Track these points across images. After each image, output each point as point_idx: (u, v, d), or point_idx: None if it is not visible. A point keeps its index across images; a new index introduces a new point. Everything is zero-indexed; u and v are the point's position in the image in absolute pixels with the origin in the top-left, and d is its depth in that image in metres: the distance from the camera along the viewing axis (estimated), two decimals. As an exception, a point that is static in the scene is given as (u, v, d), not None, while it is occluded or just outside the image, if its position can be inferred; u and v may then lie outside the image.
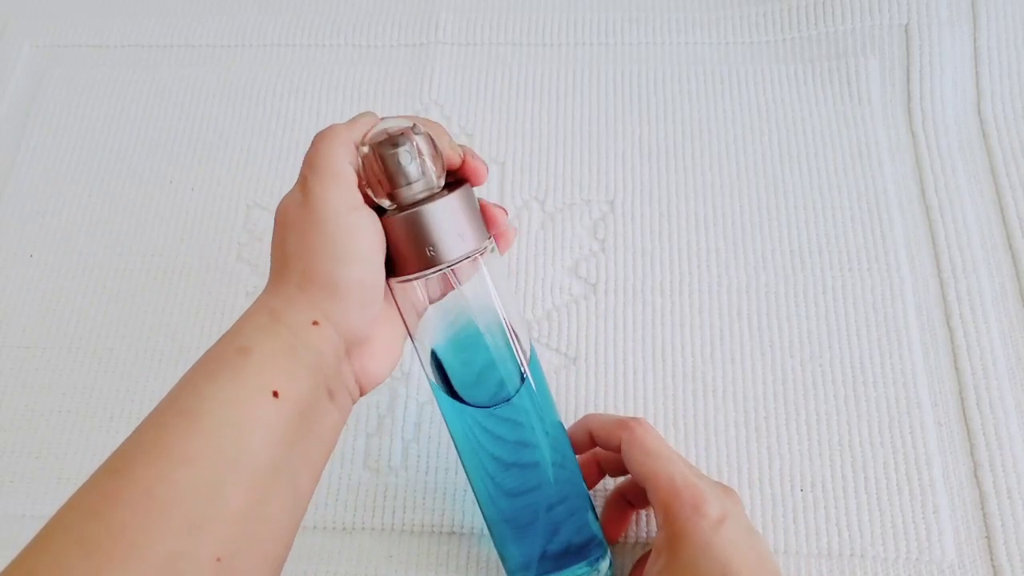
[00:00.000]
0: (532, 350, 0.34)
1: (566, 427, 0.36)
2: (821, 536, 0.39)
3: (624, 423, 0.34)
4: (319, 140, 0.28)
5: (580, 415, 0.40)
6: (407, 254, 0.29)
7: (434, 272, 0.29)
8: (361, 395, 0.31)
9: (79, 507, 0.23)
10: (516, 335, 0.33)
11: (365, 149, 0.29)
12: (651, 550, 0.36)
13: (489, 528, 0.36)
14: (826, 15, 0.53)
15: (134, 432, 0.25)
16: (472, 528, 0.40)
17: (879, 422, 0.41)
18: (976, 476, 0.40)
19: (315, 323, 0.27)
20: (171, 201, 0.50)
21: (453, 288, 0.31)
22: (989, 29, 0.52)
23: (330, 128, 0.29)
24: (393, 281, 0.30)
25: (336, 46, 0.56)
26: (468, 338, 0.33)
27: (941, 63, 0.50)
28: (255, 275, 0.48)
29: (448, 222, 0.29)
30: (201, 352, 0.40)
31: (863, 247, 0.46)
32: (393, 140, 0.28)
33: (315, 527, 0.40)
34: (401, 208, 0.29)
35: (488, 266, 0.31)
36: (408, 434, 0.42)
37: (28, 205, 0.51)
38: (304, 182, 0.28)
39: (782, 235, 0.47)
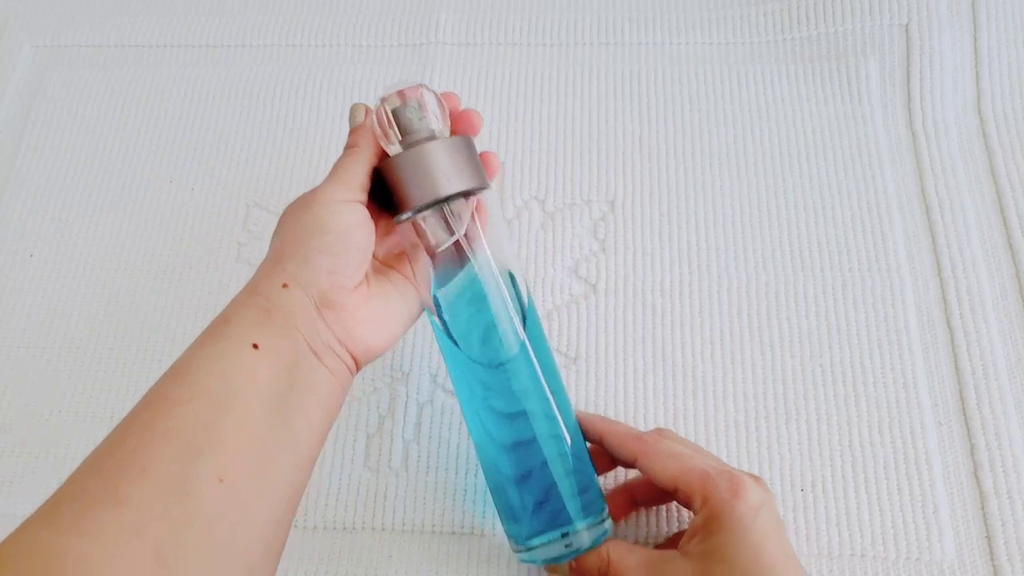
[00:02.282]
0: (532, 305, 0.35)
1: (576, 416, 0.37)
2: (821, 536, 0.39)
3: (639, 436, 0.35)
4: (345, 155, 0.33)
5: (580, 415, 0.40)
6: (408, 190, 0.32)
7: (431, 205, 0.32)
8: (358, 365, 0.33)
9: (96, 451, 0.26)
10: (515, 286, 0.35)
11: (380, 103, 0.33)
12: (676, 533, 0.37)
13: (485, 477, 0.36)
14: (826, 15, 0.53)
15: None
16: (472, 528, 0.40)
17: (879, 422, 0.41)
18: (976, 476, 0.40)
19: (284, 285, 0.30)
20: (171, 201, 0.50)
21: (453, 232, 0.33)
22: (989, 29, 0.52)
23: (359, 138, 0.34)
24: (397, 221, 0.33)
25: (336, 46, 0.56)
26: (467, 286, 0.35)
27: (941, 63, 0.50)
28: (255, 275, 0.48)
29: (445, 161, 0.32)
30: None
31: (863, 247, 0.46)
32: (403, 96, 0.33)
33: (315, 527, 0.40)
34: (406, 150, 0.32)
35: (486, 215, 0.34)
36: (408, 434, 0.42)
37: (28, 205, 0.51)
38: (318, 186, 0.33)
39: (782, 235, 0.47)
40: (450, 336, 0.35)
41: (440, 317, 0.35)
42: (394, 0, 0.57)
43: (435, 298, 0.35)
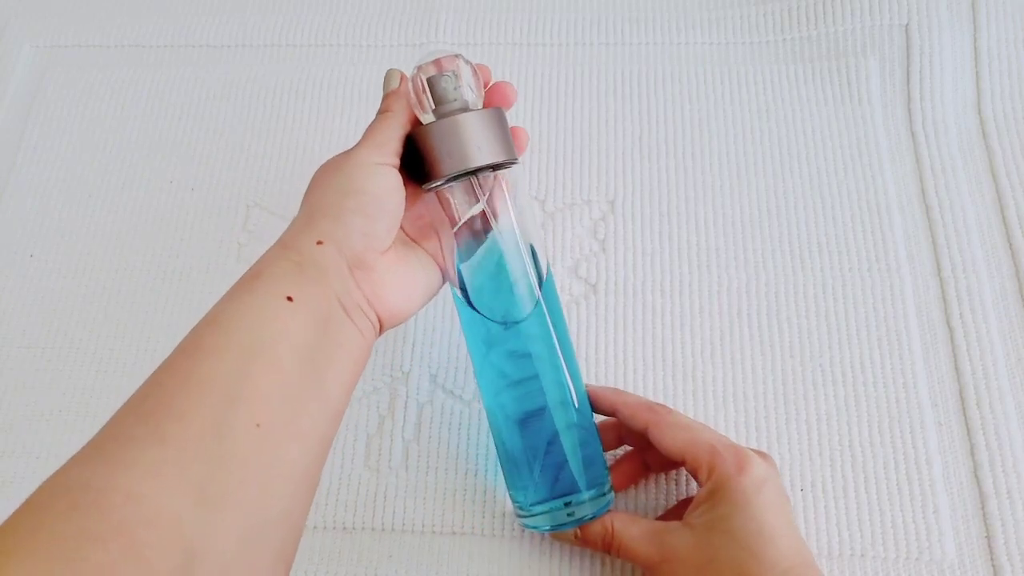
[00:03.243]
0: (550, 275, 0.36)
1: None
2: (821, 536, 0.39)
3: (651, 406, 0.35)
4: (380, 117, 0.34)
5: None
6: (439, 159, 0.33)
7: (462, 175, 0.33)
8: (382, 327, 0.33)
9: (134, 397, 0.27)
10: (535, 258, 0.36)
11: (416, 71, 0.34)
12: (680, 502, 0.38)
13: (495, 444, 0.37)
14: (826, 15, 0.53)
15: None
16: (472, 528, 0.40)
17: (879, 422, 0.41)
18: (976, 476, 0.40)
19: (319, 242, 0.31)
20: (171, 201, 0.50)
21: (479, 200, 0.34)
22: (989, 29, 0.52)
23: (392, 103, 0.34)
24: (425, 189, 0.34)
25: (336, 46, 0.56)
26: (490, 257, 0.35)
27: (941, 63, 0.50)
28: (255, 275, 0.48)
29: (478, 133, 0.33)
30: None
31: (863, 247, 0.46)
32: (439, 65, 0.34)
33: (315, 527, 0.40)
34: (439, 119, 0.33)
35: (513, 189, 0.35)
36: (408, 434, 0.42)
37: (28, 205, 0.51)
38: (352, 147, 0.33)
39: (782, 235, 0.47)
40: (468, 301, 0.35)
41: (461, 287, 0.36)
42: (394, 0, 0.57)
43: (458, 270, 0.36)
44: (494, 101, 0.36)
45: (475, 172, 0.33)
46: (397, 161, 0.33)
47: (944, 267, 0.45)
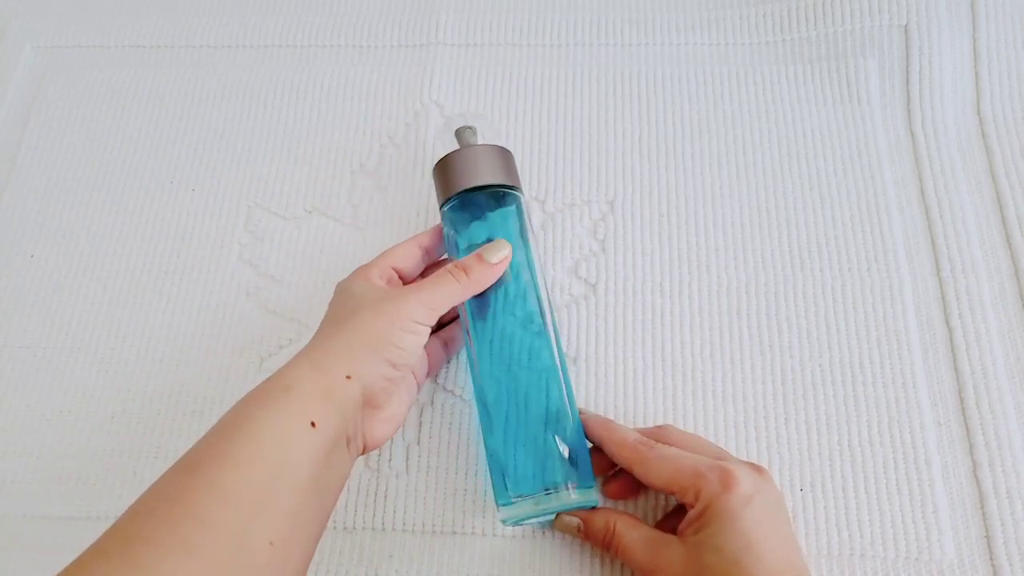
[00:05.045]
0: (553, 316, 0.40)
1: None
2: (820, 536, 0.39)
3: (634, 445, 0.36)
4: (436, 278, 0.37)
5: (580, 415, 0.40)
6: (457, 178, 0.40)
7: (472, 190, 0.40)
8: (362, 453, 0.36)
9: (158, 495, 0.28)
10: (546, 291, 0.40)
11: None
12: (677, 506, 0.38)
13: (483, 435, 0.39)
14: (825, 16, 0.53)
15: (200, 440, 0.30)
16: (472, 528, 0.40)
17: (878, 422, 0.41)
18: (975, 476, 0.40)
19: (348, 377, 0.33)
20: (171, 201, 0.50)
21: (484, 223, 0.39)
22: (988, 29, 0.52)
23: (444, 280, 0.37)
24: (441, 209, 0.41)
25: (336, 46, 0.56)
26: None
27: (940, 63, 0.51)
28: (255, 275, 0.48)
29: (489, 160, 0.41)
30: (202, 352, 0.45)
31: (862, 247, 0.46)
32: (465, 124, 0.43)
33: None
34: None
35: (522, 217, 0.41)
36: (409, 435, 0.42)
37: (29, 205, 0.51)
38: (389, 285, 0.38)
39: (782, 235, 0.47)
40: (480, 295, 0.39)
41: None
42: (394, 0, 0.57)
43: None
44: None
45: (480, 189, 0.40)
46: (435, 322, 0.36)
47: (943, 267, 0.45)
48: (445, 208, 0.41)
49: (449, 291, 0.36)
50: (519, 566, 0.39)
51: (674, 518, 0.37)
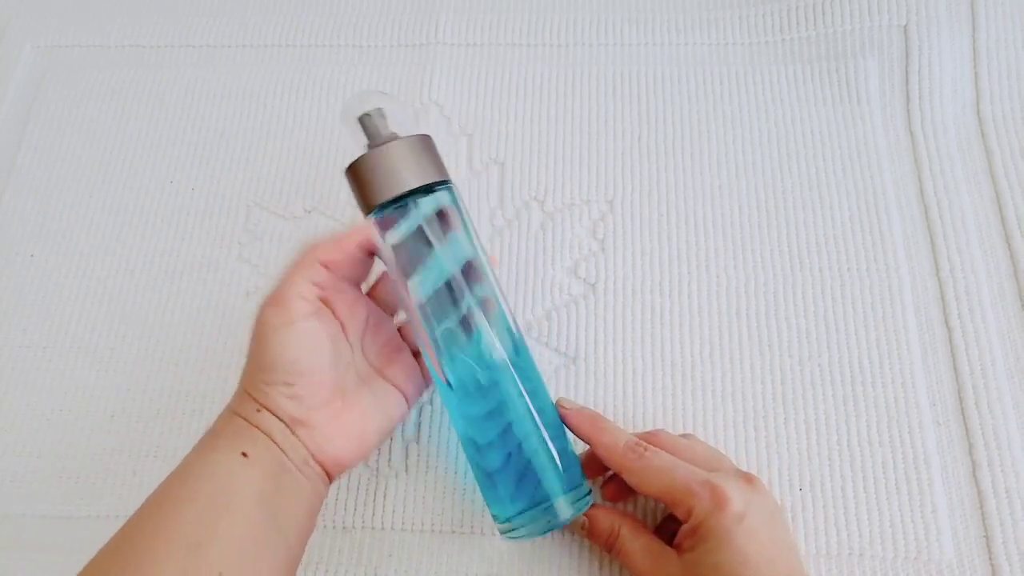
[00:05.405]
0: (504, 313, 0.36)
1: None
2: (820, 535, 0.39)
3: (624, 451, 0.35)
4: (292, 265, 0.34)
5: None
6: (373, 189, 0.33)
7: (394, 202, 0.33)
8: (330, 476, 0.35)
9: (111, 542, 0.30)
10: (479, 269, 0.35)
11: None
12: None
13: (468, 459, 0.37)
14: (825, 16, 0.53)
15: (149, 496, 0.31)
16: (472, 528, 0.40)
17: (878, 422, 0.41)
18: (975, 476, 0.40)
19: (258, 410, 0.33)
20: (171, 201, 0.51)
21: (425, 233, 0.34)
22: (988, 29, 0.52)
23: (304, 252, 0.35)
24: (369, 220, 0.35)
25: (336, 46, 0.56)
26: (439, 282, 0.35)
27: (940, 63, 0.51)
28: (255, 275, 0.48)
29: (407, 158, 0.34)
30: (202, 352, 0.46)
31: (862, 247, 0.46)
32: (366, 100, 0.35)
33: (315, 527, 0.40)
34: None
35: (451, 211, 0.35)
36: (408, 434, 0.42)
37: (29, 205, 0.51)
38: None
39: (781, 235, 0.47)
40: (429, 325, 0.35)
41: (421, 317, 0.35)
42: (394, 0, 0.57)
43: (417, 299, 0.35)
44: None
45: (409, 195, 0.34)
46: (309, 308, 0.33)
47: (943, 267, 0.45)
48: (369, 219, 0.35)
49: (290, 273, 0.34)
50: (519, 566, 0.39)
51: (673, 519, 0.37)
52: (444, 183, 0.35)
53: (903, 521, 0.39)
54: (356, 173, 0.34)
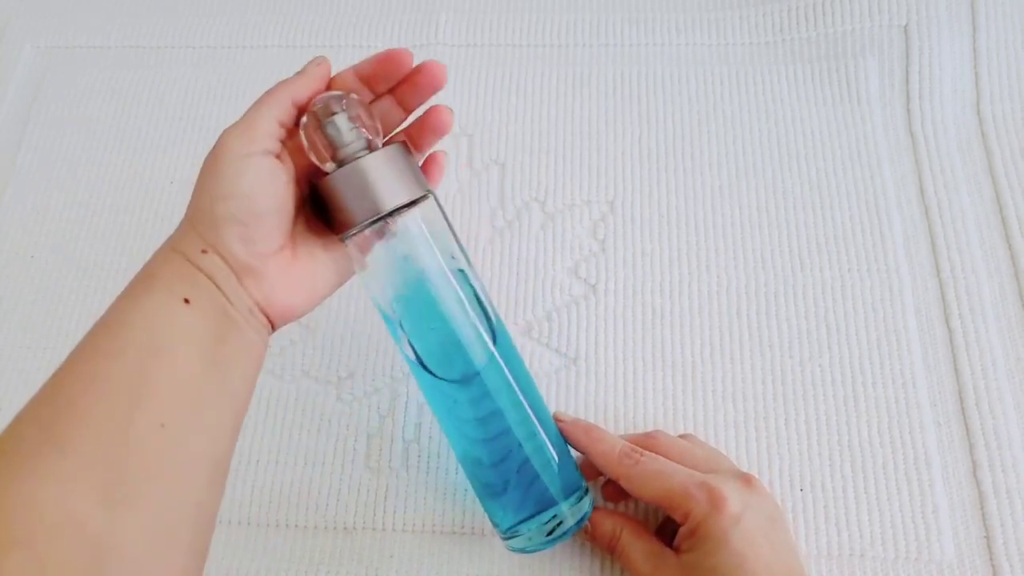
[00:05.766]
0: (496, 313, 0.35)
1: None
2: (820, 536, 0.39)
3: (619, 459, 0.35)
4: (259, 97, 0.32)
5: (580, 416, 0.40)
6: (347, 209, 0.31)
7: (371, 222, 0.31)
8: (274, 326, 0.32)
9: (32, 401, 0.27)
10: (476, 293, 0.34)
11: (305, 120, 0.32)
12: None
13: (466, 474, 0.37)
14: (825, 16, 0.53)
15: (75, 347, 0.28)
16: (472, 528, 0.40)
17: (878, 422, 0.41)
18: (975, 476, 0.40)
19: (203, 251, 0.30)
20: (172, 201, 0.50)
21: (400, 246, 0.33)
22: (988, 29, 0.52)
23: (274, 85, 0.32)
24: (342, 240, 0.33)
25: (336, 46, 0.56)
26: (426, 303, 0.34)
27: (940, 64, 0.51)
28: (255, 275, 0.48)
29: (379, 174, 0.31)
30: None
31: (862, 248, 0.46)
32: (329, 109, 0.31)
33: (315, 527, 0.40)
34: (340, 166, 0.31)
35: (431, 224, 0.33)
36: (409, 434, 0.42)
37: (29, 205, 0.51)
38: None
39: (782, 236, 0.47)
40: (418, 358, 0.34)
41: (405, 337, 0.35)
42: (394, 1, 0.57)
43: (396, 318, 0.34)
44: (429, 127, 0.35)
45: (388, 215, 0.31)
46: (272, 145, 0.31)
47: (943, 268, 0.45)
48: (343, 238, 0.33)
49: (258, 104, 0.31)
50: (519, 566, 0.39)
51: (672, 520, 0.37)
52: (424, 196, 0.33)
53: (904, 521, 0.39)
54: (328, 190, 0.31)
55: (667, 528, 0.37)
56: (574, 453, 0.37)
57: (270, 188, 0.30)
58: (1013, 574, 0.37)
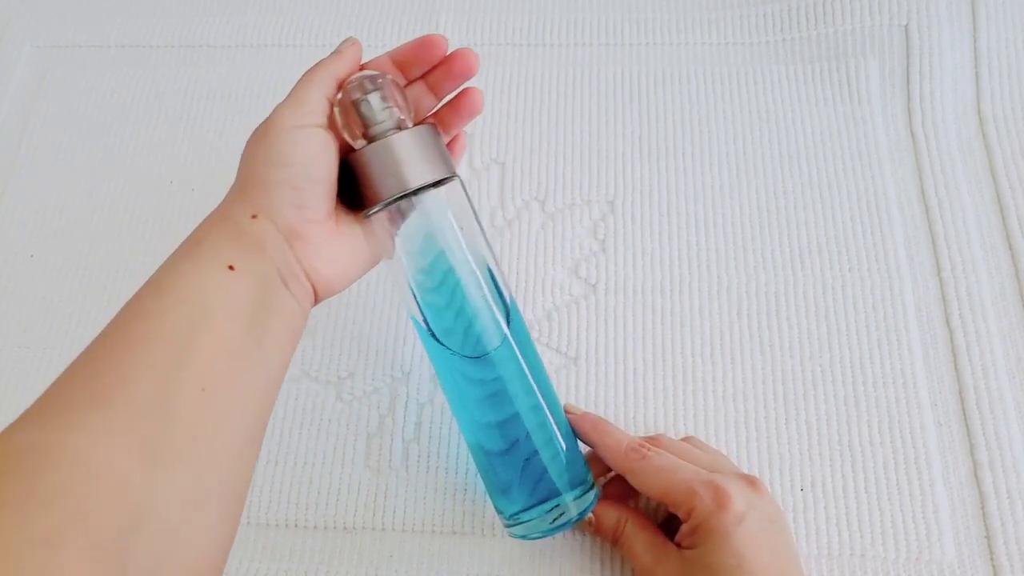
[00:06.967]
0: (513, 300, 0.36)
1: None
2: (821, 536, 0.39)
3: (627, 453, 0.35)
4: (304, 75, 0.33)
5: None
6: (374, 184, 0.32)
7: (396, 198, 0.32)
8: (317, 298, 0.33)
9: (78, 359, 0.27)
10: (493, 276, 0.35)
11: (340, 96, 0.33)
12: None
13: (473, 457, 0.37)
14: (826, 16, 0.53)
15: (120, 310, 0.28)
16: (472, 528, 0.40)
17: (879, 422, 0.41)
18: (976, 476, 0.40)
19: (253, 216, 0.30)
20: (171, 201, 0.50)
21: (424, 224, 0.33)
22: (989, 29, 0.52)
23: (316, 64, 0.33)
24: (366, 216, 0.33)
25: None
26: (444, 279, 0.34)
27: (941, 63, 0.51)
28: (255, 275, 0.48)
29: (409, 152, 0.32)
30: None
31: (863, 247, 0.46)
32: (364, 87, 0.33)
33: (315, 527, 0.40)
34: (370, 143, 0.32)
35: (456, 205, 0.34)
36: (408, 434, 0.42)
37: (29, 205, 0.51)
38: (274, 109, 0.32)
39: (782, 235, 0.47)
40: (431, 332, 0.35)
41: (420, 311, 0.35)
42: (394, 0, 0.57)
43: (412, 292, 0.35)
44: (463, 109, 0.36)
45: (414, 193, 0.32)
46: (321, 118, 0.32)
47: (944, 267, 0.45)
48: (368, 214, 0.34)
49: (307, 80, 0.32)
50: (519, 566, 0.39)
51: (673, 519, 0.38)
52: (450, 177, 0.34)
53: (904, 521, 0.39)
54: (359, 164, 0.32)
55: (670, 525, 0.37)
56: (582, 447, 0.37)
57: (324, 156, 0.31)
58: (1014, 574, 0.37)
